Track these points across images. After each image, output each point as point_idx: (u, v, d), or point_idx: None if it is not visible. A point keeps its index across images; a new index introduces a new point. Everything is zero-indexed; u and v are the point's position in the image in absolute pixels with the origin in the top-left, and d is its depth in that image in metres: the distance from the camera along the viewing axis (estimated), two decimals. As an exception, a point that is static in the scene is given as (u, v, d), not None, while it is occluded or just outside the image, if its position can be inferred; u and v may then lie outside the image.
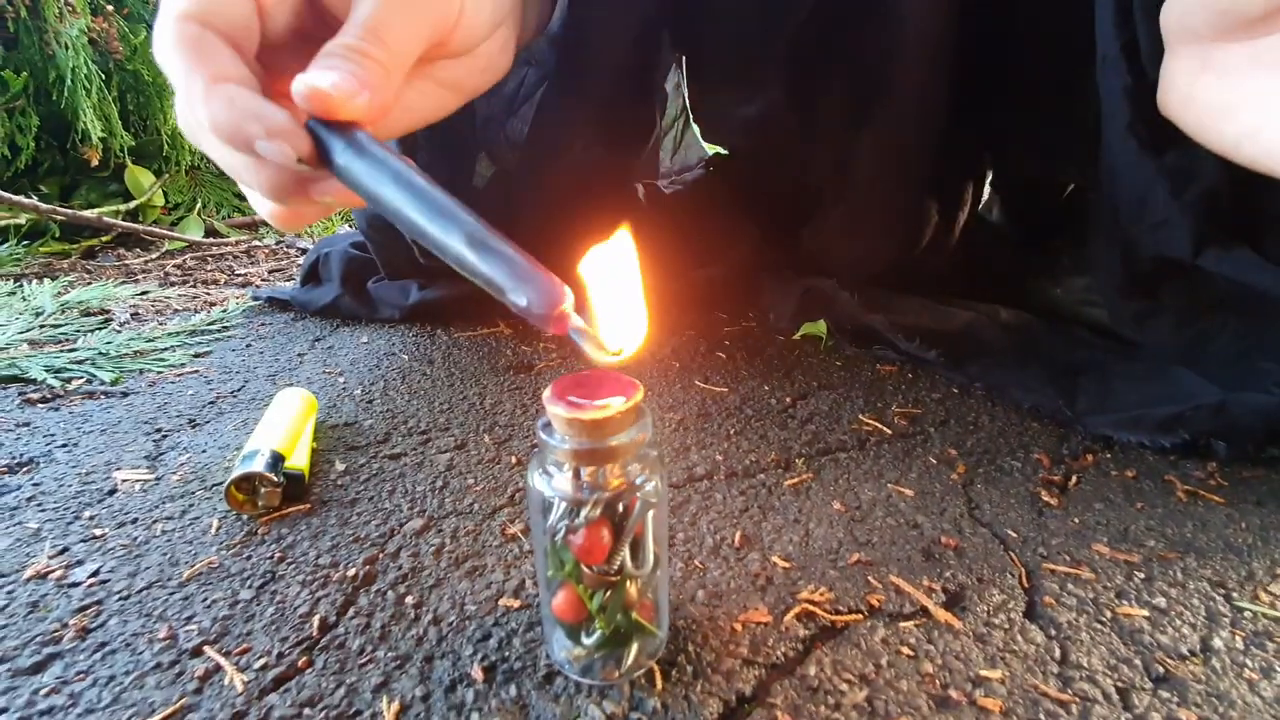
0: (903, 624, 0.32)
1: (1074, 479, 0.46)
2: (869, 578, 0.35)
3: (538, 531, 0.27)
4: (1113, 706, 0.28)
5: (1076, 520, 0.41)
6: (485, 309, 0.80)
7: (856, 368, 0.66)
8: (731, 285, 0.85)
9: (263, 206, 0.34)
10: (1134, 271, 0.59)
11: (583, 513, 0.26)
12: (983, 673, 0.29)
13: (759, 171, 0.90)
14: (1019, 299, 0.77)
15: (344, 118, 0.27)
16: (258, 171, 0.29)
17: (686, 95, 1.02)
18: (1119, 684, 0.29)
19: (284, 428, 0.47)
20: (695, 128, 1.07)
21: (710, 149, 1.15)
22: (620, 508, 0.26)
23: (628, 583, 0.27)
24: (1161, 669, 0.30)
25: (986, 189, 0.95)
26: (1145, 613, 0.33)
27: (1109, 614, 0.33)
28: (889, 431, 0.52)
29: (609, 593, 0.27)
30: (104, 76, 1.39)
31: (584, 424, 0.24)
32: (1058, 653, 0.30)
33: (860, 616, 0.33)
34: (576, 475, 0.26)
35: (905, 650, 0.30)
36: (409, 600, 0.34)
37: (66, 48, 1.36)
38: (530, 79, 0.78)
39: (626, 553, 0.26)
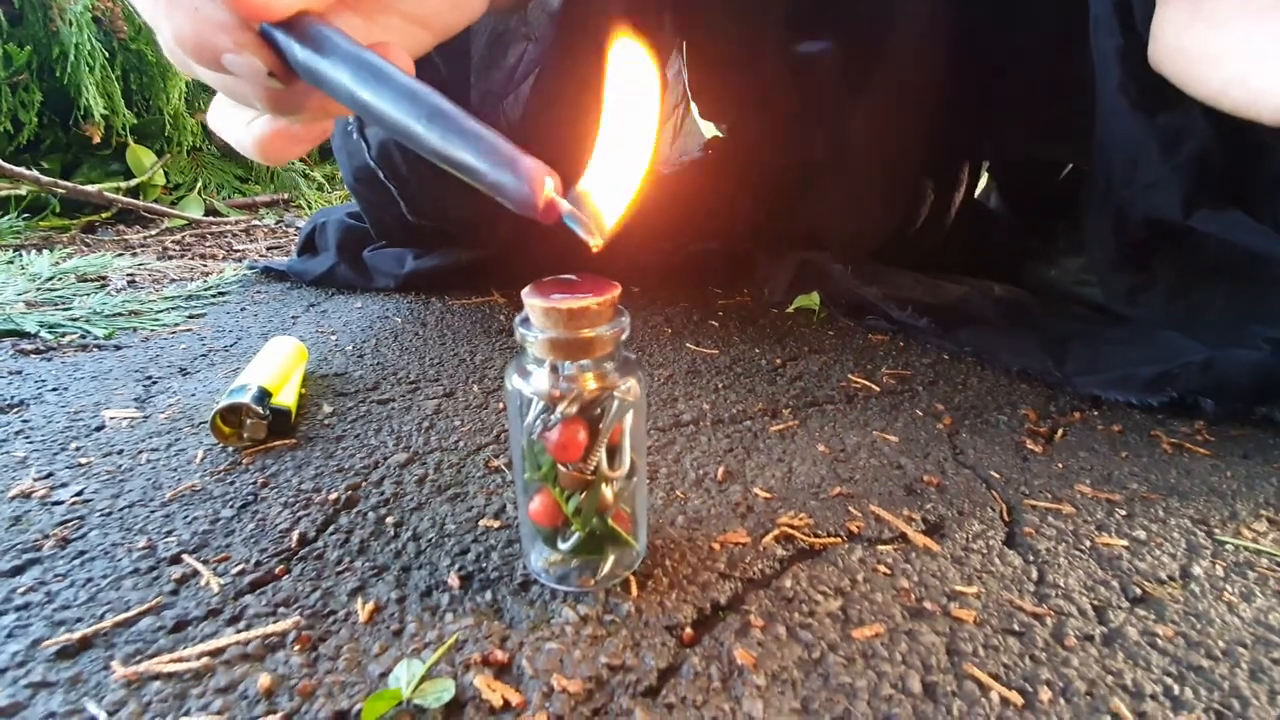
0: (881, 547, 0.32)
1: (1060, 432, 0.46)
2: (849, 508, 0.35)
3: (515, 434, 0.28)
4: (1088, 620, 0.28)
5: (1060, 465, 0.41)
6: (481, 279, 0.80)
7: (848, 336, 0.66)
8: (726, 260, 0.86)
9: (246, 138, 0.30)
10: (1126, 240, 0.59)
11: (559, 409, 0.26)
12: (958, 588, 0.29)
13: (757, 149, 0.91)
14: (1013, 280, 0.77)
15: (276, 15, 0.24)
16: (252, 88, 0.25)
17: (686, 80, 1.03)
18: (1095, 602, 0.29)
19: (273, 368, 0.47)
20: (694, 108, 1.08)
21: (709, 132, 1.15)
22: (598, 410, 0.26)
23: (604, 485, 0.27)
24: (1139, 590, 0.30)
25: (983, 174, 0.95)
26: (1125, 543, 0.33)
27: (1088, 543, 0.33)
28: (877, 389, 0.52)
29: (585, 494, 0.27)
30: (107, 55, 1.40)
31: (560, 313, 0.24)
32: (1035, 574, 0.30)
33: (839, 540, 0.33)
34: (554, 371, 0.26)
35: (882, 569, 0.30)
36: (389, 520, 0.34)
37: (71, 24, 1.37)
38: (530, 54, 0.78)
39: (603, 452, 0.26)
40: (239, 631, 0.27)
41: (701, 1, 0.77)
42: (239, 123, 0.28)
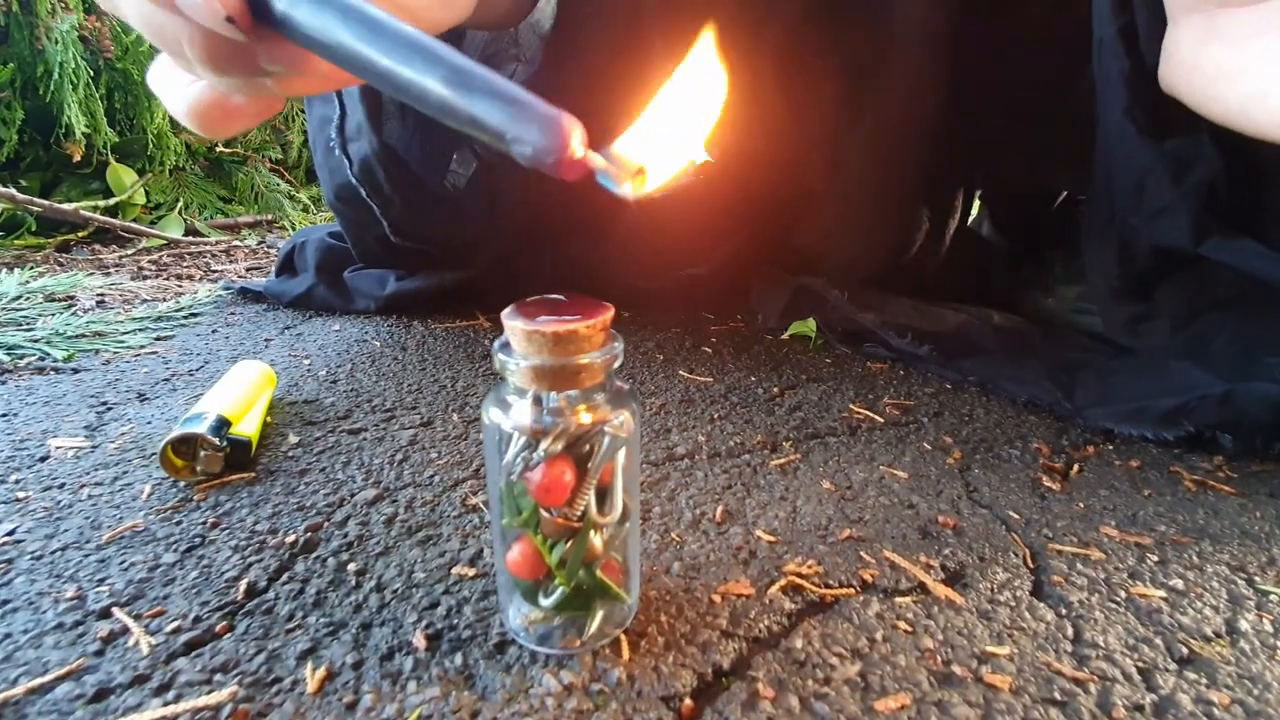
0: (899, 599, 0.29)
1: (1076, 467, 0.43)
2: (861, 553, 0.32)
3: (493, 474, 0.24)
4: (1135, 687, 0.25)
5: (1081, 505, 0.38)
6: (466, 301, 0.77)
7: (846, 364, 0.63)
8: (719, 285, 0.83)
9: (181, 103, 0.26)
10: (1130, 269, 0.57)
11: (542, 445, 0.23)
12: (989, 649, 0.26)
13: (750, 174, 0.89)
14: (1010, 309, 0.76)
15: None
16: (188, 32, 0.22)
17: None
18: (1140, 664, 0.26)
19: (235, 395, 0.43)
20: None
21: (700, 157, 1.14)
22: (586, 446, 0.23)
23: (592, 532, 0.24)
24: (1185, 650, 0.27)
25: (976, 202, 0.94)
26: (1162, 594, 0.30)
27: (1123, 594, 0.30)
28: (881, 420, 0.50)
29: (570, 543, 0.24)
30: (93, 74, 1.38)
31: (546, 337, 0.21)
32: (1070, 631, 0.27)
33: (852, 591, 0.29)
34: (537, 403, 0.23)
35: (902, 625, 0.27)
36: (351, 567, 0.31)
37: (56, 43, 1.35)
38: (520, 75, 0.77)
39: (591, 496, 0.23)
40: (166, 704, 0.23)
41: (696, 28, 0.76)
42: (179, 84, 0.25)
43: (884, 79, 0.66)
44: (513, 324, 0.22)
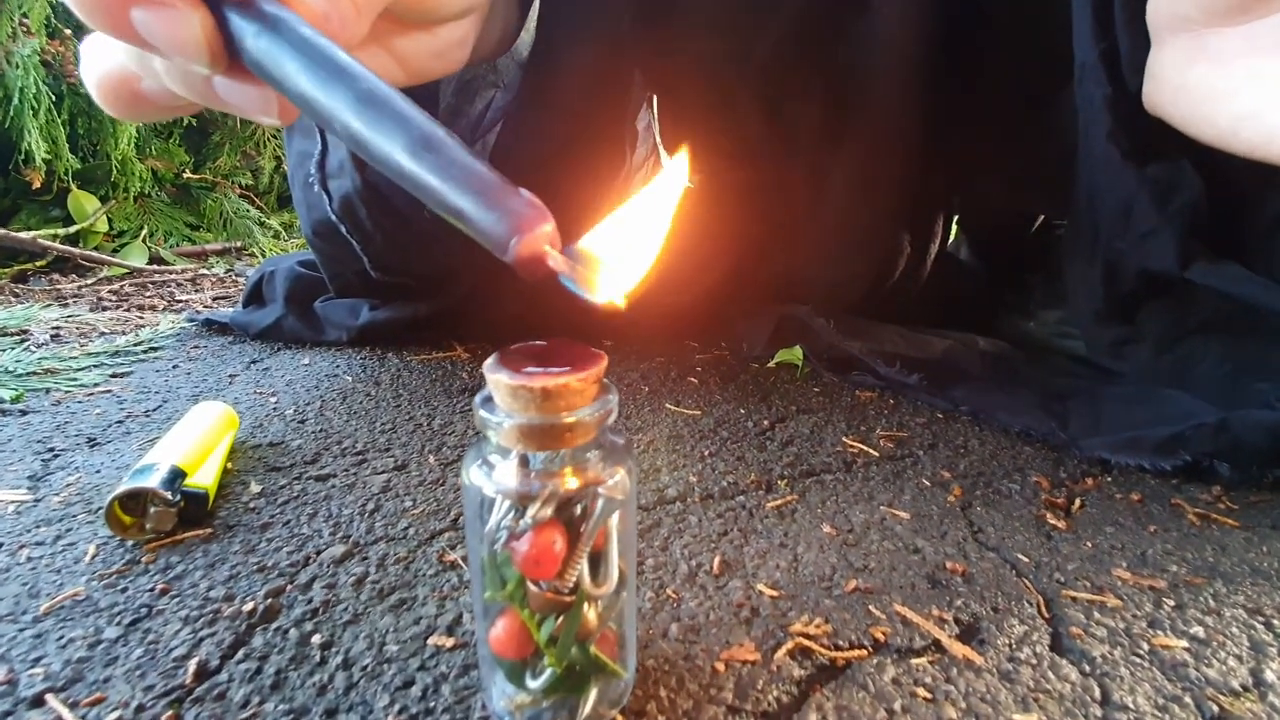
0: (915, 660, 0.27)
1: (1077, 502, 0.42)
2: (870, 607, 0.30)
3: (474, 541, 0.22)
4: (1172, 756, 0.23)
5: (1089, 544, 0.37)
6: (443, 332, 0.74)
7: (835, 394, 0.62)
8: (702, 313, 0.82)
9: (93, 73, 0.24)
10: (1115, 293, 0.57)
11: (530, 511, 0.20)
12: (1016, 718, 0.24)
13: (731, 201, 0.89)
14: (991, 333, 0.75)
15: None
16: None
17: (658, 133, 1.01)
18: (1173, 728, 0.24)
19: (191, 441, 0.40)
20: (665, 159, 1.06)
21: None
22: (578, 509, 0.21)
23: (585, 605, 0.21)
24: (1215, 707, 0.25)
25: (954, 227, 0.95)
26: (1184, 644, 0.29)
27: (1145, 646, 0.28)
28: (875, 454, 0.48)
29: (561, 618, 0.21)
30: (55, 99, 1.34)
31: (533, 393, 0.19)
32: (1097, 692, 0.26)
33: (864, 652, 0.27)
34: (524, 464, 0.21)
35: (921, 692, 0.25)
36: (315, 640, 0.28)
37: (17, 67, 1.31)
38: (498, 102, 0.75)
39: (585, 565, 0.21)
40: (96, 819, 0.20)
41: (675, 55, 0.76)
42: (98, 52, 0.23)
43: (864, 106, 0.66)
44: (496, 377, 0.20)
